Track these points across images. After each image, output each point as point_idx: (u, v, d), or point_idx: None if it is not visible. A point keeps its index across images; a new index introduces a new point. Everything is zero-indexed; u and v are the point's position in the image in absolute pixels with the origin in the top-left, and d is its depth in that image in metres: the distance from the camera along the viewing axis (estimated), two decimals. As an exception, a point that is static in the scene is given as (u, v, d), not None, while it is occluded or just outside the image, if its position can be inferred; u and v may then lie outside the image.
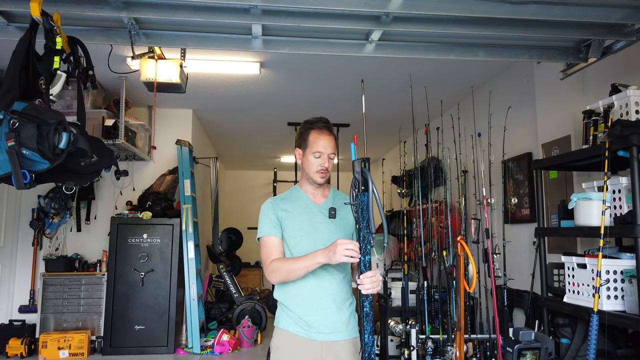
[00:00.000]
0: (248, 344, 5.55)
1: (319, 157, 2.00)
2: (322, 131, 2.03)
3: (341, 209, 2.06)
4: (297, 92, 5.31)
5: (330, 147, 2.02)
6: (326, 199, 2.09)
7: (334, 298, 1.98)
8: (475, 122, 4.09)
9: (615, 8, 2.45)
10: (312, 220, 2.02)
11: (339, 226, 2.04)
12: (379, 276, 1.75)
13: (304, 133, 2.06)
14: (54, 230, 5.53)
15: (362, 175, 1.67)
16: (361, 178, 1.68)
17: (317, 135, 2.02)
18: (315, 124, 2.04)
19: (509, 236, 4.03)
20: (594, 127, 2.76)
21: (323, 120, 2.06)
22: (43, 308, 5.12)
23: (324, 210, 2.04)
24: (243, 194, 10.76)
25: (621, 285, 2.48)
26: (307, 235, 1.99)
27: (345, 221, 2.06)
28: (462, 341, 3.07)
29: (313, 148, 2.01)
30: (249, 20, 2.45)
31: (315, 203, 2.07)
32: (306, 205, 2.06)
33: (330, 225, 2.02)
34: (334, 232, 2.01)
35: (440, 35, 2.76)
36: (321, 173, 2.02)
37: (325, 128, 2.04)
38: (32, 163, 1.97)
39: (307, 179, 2.07)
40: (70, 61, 2.33)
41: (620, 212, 2.57)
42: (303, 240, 1.99)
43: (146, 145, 5.65)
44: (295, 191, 2.12)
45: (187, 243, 5.37)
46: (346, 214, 2.06)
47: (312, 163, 2.02)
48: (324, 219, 2.03)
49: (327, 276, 1.98)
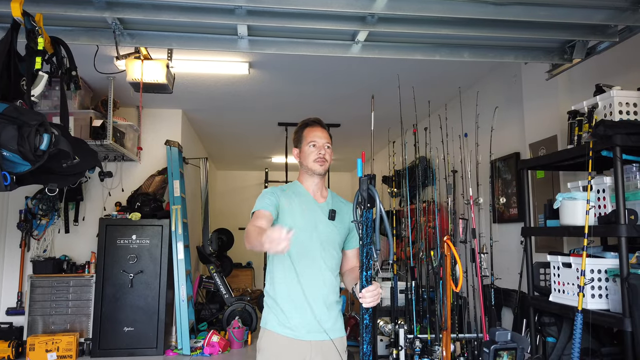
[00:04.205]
0: (238, 344, 5.54)
1: (315, 145, 2.06)
2: (314, 126, 2.11)
3: (340, 212, 2.08)
4: (286, 92, 5.30)
5: (325, 138, 2.08)
6: (326, 200, 2.11)
7: (324, 299, 1.99)
8: (463, 123, 4.10)
9: (598, 9, 2.47)
10: (314, 217, 2.03)
11: (336, 228, 2.06)
12: (379, 289, 1.76)
13: (298, 132, 2.14)
14: (42, 232, 5.48)
15: (369, 193, 1.65)
16: (367, 196, 1.66)
17: (310, 129, 2.10)
18: (307, 121, 2.14)
19: (498, 236, 4.05)
20: (579, 127, 2.77)
21: (314, 118, 2.15)
22: (31, 310, 5.07)
23: (324, 210, 2.06)
24: (234, 195, 10.73)
25: (605, 284, 2.49)
26: (306, 230, 1.99)
27: (343, 225, 2.08)
28: (449, 341, 3.08)
29: (308, 139, 2.07)
30: (234, 21, 2.45)
31: (316, 201, 2.08)
32: (308, 201, 2.06)
33: (329, 226, 2.04)
34: (331, 235, 2.04)
35: (425, 36, 2.77)
36: (319, 161, 2.05)
37: (317, 123, 2.13)
38: (12, 165, 1.95)
39: (307, 171, 2.08)
40: (53, 62, 2.31)
41: (604, 211, 2.58)
42: (302, 234, 1.97)
43: (135, 146, 5.62)
44: (295, 186, 2.13)
45: (177, 244, 5.35)
46: (344, 218, 2.09)
47: (310, 153, 2.06)
48: (323, 219, 2.04)
49: (320, 277, 2.00)
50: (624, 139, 2.35)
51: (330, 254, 2.03)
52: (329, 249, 2.03)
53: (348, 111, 5.99)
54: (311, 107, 5.76)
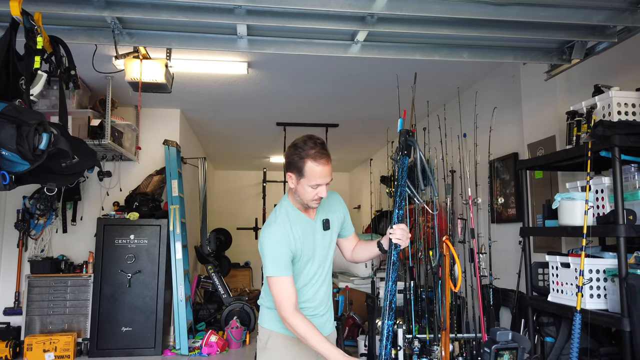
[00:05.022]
0: (236, 344, 5.53)
1: (317, 187, 1.86)
2: (319, 160, 1.82)
3: (330, 215, 2.08)
4: (285, 92, 5.30)
5: (329, 175, 1.86)
6: (315, 212, 2.04)
7: (322, 297, 2.07)
8: (462, 123, 4.11)
9: (597, 10, 2.47)
10: (314, 239, 2.01)
11: (331, 233, 2.08)
12: (408, 232, 1.87)
13: (298, 162, 1.84)
14: (40, 232, 5.47)
15: (407, 143, 1.90)
16: (405, 144, 1.90)
17: (314, 167, 1.82)
18: (310, 153, 1.82)
19: (497, 236, 4.06)
20: (577, 128, 2.78)
21: (318, 144, 1.84)
22: (28, 310, 5.05)
23: (318, 224, 2.04)
24: (232, 194, 10.73)
25: (604, 284, 2.50)
26: (311, 256, 2.00)
27: (335, 224, 2.11)
28: (448, 341, 3.08)
29: (311, 180, 1.83)
30: (234, 20, 2.44)
31: (311, 220, 2.02)
32: (308, 226, 2.00)
33: (324, 237, 2.05)
34: (328, 242, 2.06)
35: (425, 36, 2.77)
36: (317, 201, 1.92)
37: (323, 156, 1.83)
38: (11, 164, 1.94)
39: (300, 202, 1.95)
40: (52, 61, 2.30)
41: (603, 211, 2.59)
42: (307, 262, 1.99)
43: (133, 146, 5.61)
44: (292, 212, 1.97)
45: (175, 244, 5.34)
46: (335, 216, 2.10)
47: (309, 192, 1.87)
48: (320, 234, 2.03)
49: (320, 280, 2.05)
50: (623, 139, 2.36)
51: (329, 259, 2.09)
52: (328, 255, 2.09)
53: (347, 111, 5.98)
54: (310, 107, 5.76)
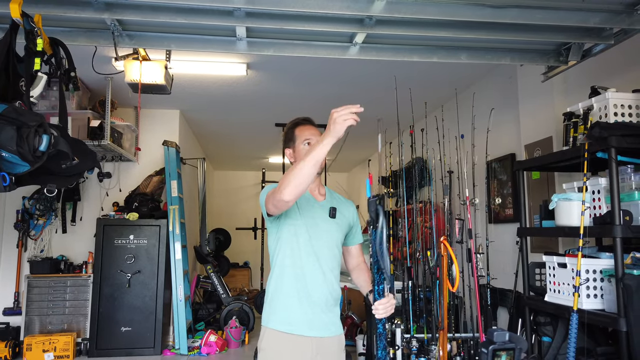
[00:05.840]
0: (235, 344, 5.55)
1: (310, 143, 2.03)
2: (306, 124, 2.10)
3: (340, 209, 2.09)
4: (284, 93, 5.31)
5: (318, 135, 2.02)
6: (324, 197, 2.11)
7: (326, 297, 2.01)
8: (459, 124, 4.13)
9: (593, 12, 2.49)
10: (314, 215, 2.03)
11: (337, 225, 2.07)
12: (392, 301, 1.80)
13: (288, 132, 2.12)
14: (39, 232, 5.48)
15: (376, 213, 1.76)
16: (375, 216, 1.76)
17: (302, 128, 2.09)
18: (296, 122, 2.12)
19: (494, 236, 4.07)
20: (574, 129, 2.80)
21: (303, 117, 2.15)
22: (28, 310, 5.06)
23: (324, 207, 2.06)
24: (231, 195, 10.74)
25: (600, 285, 2.52)
26: (306, 229, 2.00)
27: (343, 221, 2.09)
28: (446, 340, 3.10)
29: (302, 138, 2.06)
30: (233, 22, 2.45)
31: (316, 199, 2.08)
32: (307, 200, 2.05)
33: (329, 223, 2.04)
34: (331, 231, 2.04)
35: (423, 38, 2.78)
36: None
37: (308, 122, 2.11)
38: (11, 165, 1.95)
39: None
40: (52, 63, 2.31)
41: (599, 212, 2.61)
42: (302, 234, 1.99)
43: (133, 146, 5.62)
44: None
45: (174, 244, 5.35)
46: (344, 215, 2.10)
47: (304, 150, 2.02)
48: (324, 216, 2.04)
49: (320, 275, 2.00)
50: (619, 140, 2.38)
51: (332, 252, 2.04)
52: (330, 246, 2.04)
53: (345, 112, 5.99)
54: (308, 108, 5.77)
